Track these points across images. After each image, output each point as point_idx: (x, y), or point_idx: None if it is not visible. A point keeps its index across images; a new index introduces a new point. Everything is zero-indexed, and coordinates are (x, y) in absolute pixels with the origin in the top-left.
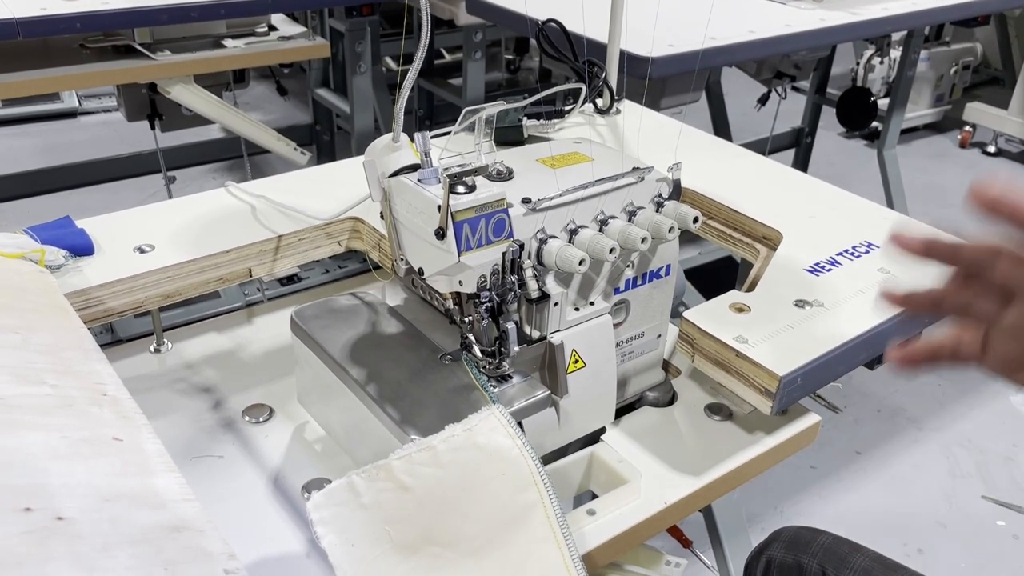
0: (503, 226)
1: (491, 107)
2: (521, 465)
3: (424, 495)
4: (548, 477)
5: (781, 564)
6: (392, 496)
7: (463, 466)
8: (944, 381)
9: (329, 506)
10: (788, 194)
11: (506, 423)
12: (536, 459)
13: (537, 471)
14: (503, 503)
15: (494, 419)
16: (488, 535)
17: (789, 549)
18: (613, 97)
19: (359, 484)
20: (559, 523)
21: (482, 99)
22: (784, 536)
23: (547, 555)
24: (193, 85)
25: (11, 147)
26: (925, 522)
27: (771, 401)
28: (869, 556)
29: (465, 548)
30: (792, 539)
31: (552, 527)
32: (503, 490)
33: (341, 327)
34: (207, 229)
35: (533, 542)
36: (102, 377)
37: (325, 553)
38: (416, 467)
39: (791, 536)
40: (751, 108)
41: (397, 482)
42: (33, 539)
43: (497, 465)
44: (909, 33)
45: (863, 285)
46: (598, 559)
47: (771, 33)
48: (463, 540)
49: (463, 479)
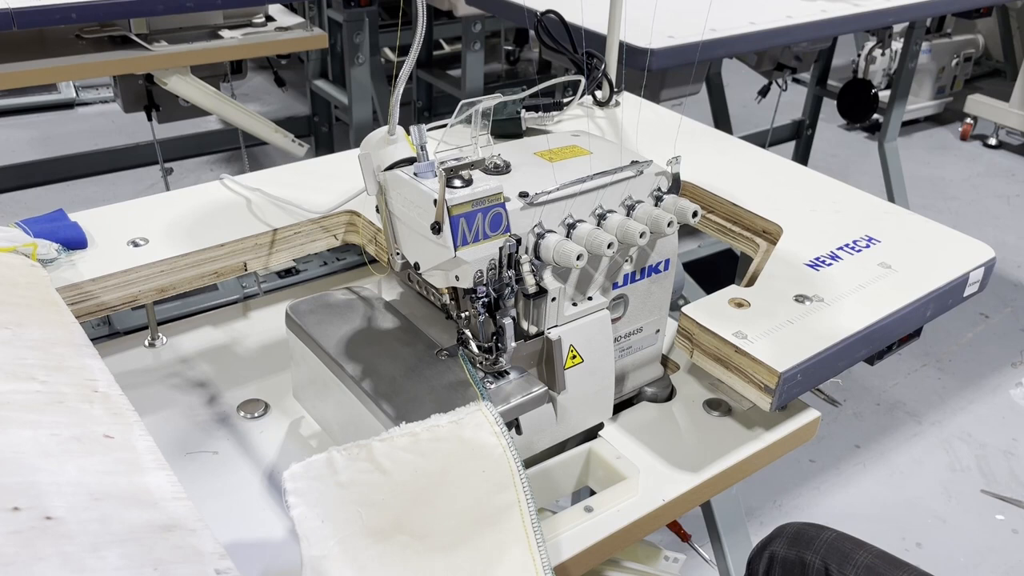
0: (500, 220)
1: (488, 99)
2: (503, 465)
3: (401, 481)
4: (528, 481)
5: (784, 560)
6: (369, 478)
7: (444, 457)
8: (944, 375)
9: (306, 478)
10: (788, 188)
11: (494, 421)
12: (519, 461)
13: (518, 473)
14: (479, 500)
15: (482, 415)
16: (461, 531)
17: (792, 545)
18: (612, 89)
19: (338, 460)
20: (534, 528)
21: (481, 90)
22: (787, 532)
23: (519, 558)
24: (190, 76)
25: (8, 138)
26: (924, 516)
27: (771, 397)
28: (872, 552)
29: (436, 542)
30: (795, 535)
31: (527, 531)
32: (481, 487)
33: (336, 322)
34: (202, 222)
35: (506, 544)
36: (93, 373)
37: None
38: (397, 452)
39: (794, 532)
40: (751, 100)
41: (376, 464)
42: (21, 539)
43: (479, 462)
44: (911, 25)
45: (864, 280)
46: (595, 556)
47: (772, 24)
48: (435, 533)
49: (442, 471)
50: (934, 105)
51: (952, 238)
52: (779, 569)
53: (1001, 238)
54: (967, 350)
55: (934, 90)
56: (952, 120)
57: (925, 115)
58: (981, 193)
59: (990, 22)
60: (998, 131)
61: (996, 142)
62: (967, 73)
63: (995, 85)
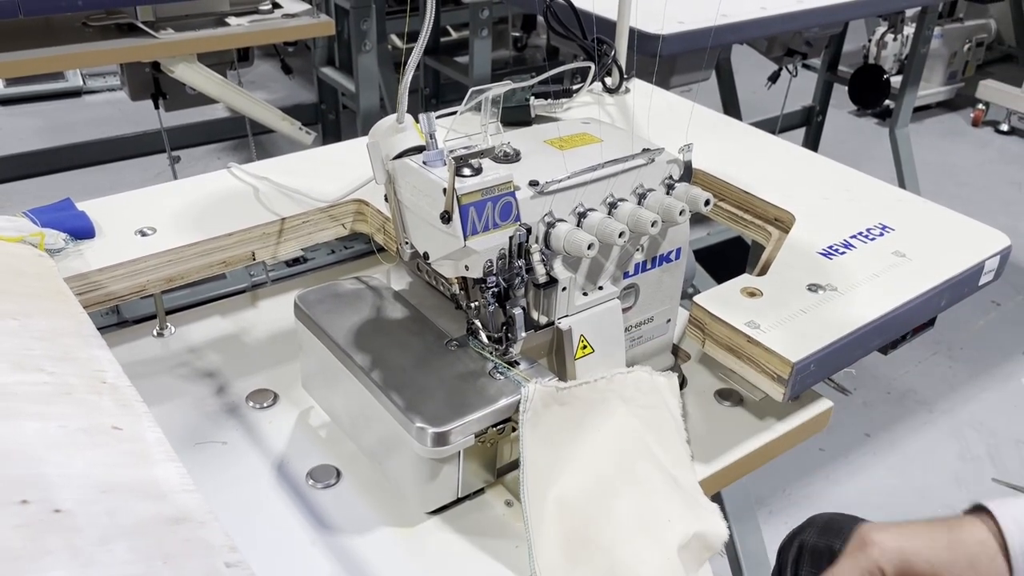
0: (510, 209)
1: (497, 87)
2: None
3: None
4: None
5: (813, 549)
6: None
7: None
8: (955, 363)
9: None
10: (800, 175)
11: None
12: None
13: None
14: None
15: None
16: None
17: (823, 534)
18: (622, 76)
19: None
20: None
21: (489, 78)
22: (819, 521)
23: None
24: (196, 64)
25: (15, 127)
26: (935, 505)
27: (784, 388)
28: None
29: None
30: (826, 524)
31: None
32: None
33: (345, 312)
34: (209, 211)
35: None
36: (101, 364)
37: (331, 537)
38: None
39: (826, 521)
40: (761, 86)
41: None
42: (29, 533)
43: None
44: (923, 9)
45: (878, 268)
46: None
47: (783, 10)
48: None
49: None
50: (946, 91)
51: (967, 226)
52: (808, 558)
53: (1013, 225)
54: (978, 338)
55: (946, 76)
56: (964, 106)
57: (937, 101)
58: (992, 180)
59: (1003, 6)
60: (1010, 117)
61: (1008, 128)
62: (979, 58)
63: (1007, 70)
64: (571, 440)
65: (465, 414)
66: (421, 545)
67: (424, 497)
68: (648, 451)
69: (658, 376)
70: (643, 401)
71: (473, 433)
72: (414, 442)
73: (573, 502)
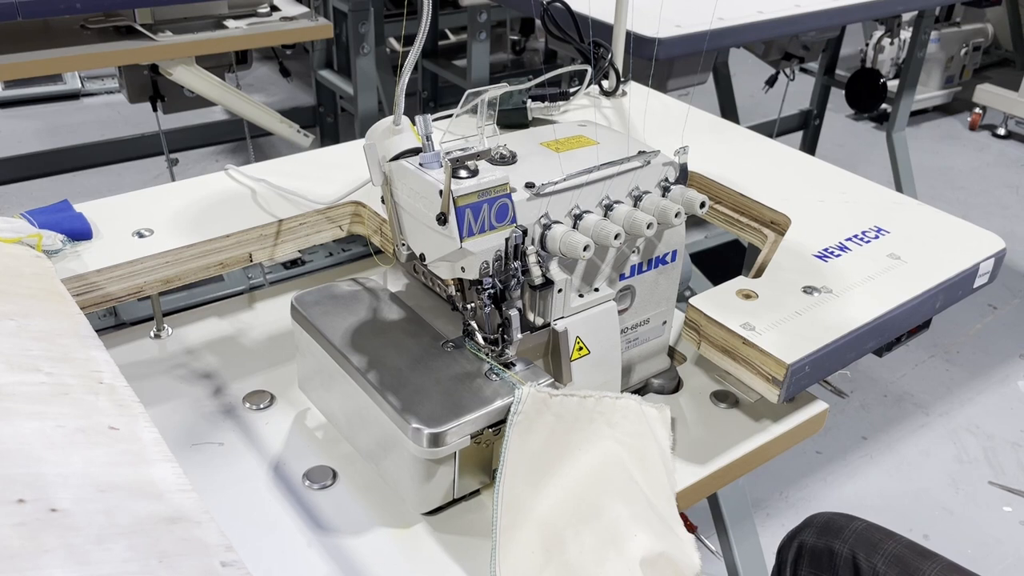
0: (506, 211)
1: (494, 89)
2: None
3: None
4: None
5: (812, 549)
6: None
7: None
8: (952, 366)
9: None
10: (796, 178)
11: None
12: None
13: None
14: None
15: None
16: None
17: (821, 534)
18: (619, 79)
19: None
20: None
21: (486, 80)
22: (817, 521)
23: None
24: (195, 66)
25: (13, 129)
26: (931, 508)
27: (778, 389)
28: (901, 543)
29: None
30: (825, 525)
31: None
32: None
33: (342, 313)
34: (207, 213)
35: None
36: (99, 364)
37: (327, 537)
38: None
39: (824, 522)
40: (759, 90)
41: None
42: (26, 531)
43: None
44: (920, 13)
45: (873, 271)
46: None
47: (780, 13)
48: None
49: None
50: (943, 95)
51: (962, 229)
52: (807, 558)
53: (1010, 228)
54: (975, 341)
55: (943, 79)
56: (961, 110)
57: (934, 105)
58: (990, 183)
59: (999, 11)
60: (1007, 121)
61: (1005, 132)
62: (976, 62)
63: (1004, 74)
64: (557, 458)
65: (461, 415)
66: (417, 546)
67: (420, 498)
68: (629, 478)
69: (648, 407)
70: (629, 429)
71: (469, 434)
72: (410, 443)
73: (545, 517)
